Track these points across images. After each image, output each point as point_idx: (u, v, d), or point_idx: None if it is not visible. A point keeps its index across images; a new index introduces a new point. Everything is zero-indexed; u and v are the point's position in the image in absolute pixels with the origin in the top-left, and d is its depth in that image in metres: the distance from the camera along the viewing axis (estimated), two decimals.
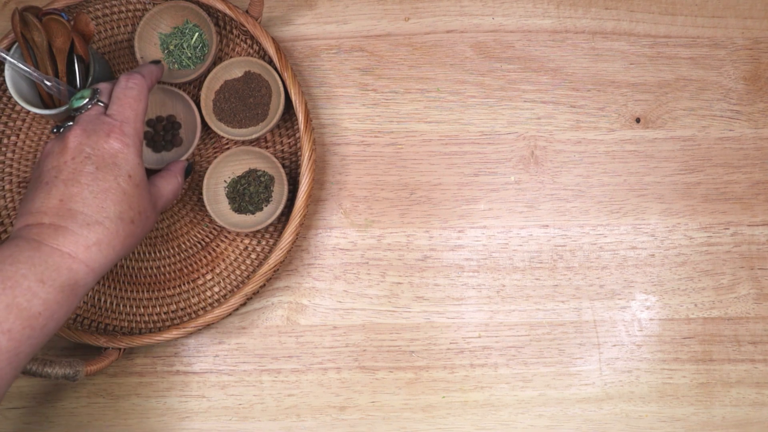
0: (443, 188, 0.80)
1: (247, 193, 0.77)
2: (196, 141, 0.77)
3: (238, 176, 0.78)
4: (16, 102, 0.73)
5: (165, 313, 0.78)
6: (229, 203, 0.78)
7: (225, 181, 0.78)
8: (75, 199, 0.61)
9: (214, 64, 0.79)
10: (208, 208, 0.76)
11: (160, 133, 0.78)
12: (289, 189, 0.76)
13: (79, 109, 0.66)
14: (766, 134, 0.81)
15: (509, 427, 0.77)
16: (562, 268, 0.79)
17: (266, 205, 0.77)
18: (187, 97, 0.77)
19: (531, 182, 0.80)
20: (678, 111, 0.81)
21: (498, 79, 0.81)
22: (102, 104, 0.66)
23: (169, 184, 0.71)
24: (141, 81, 0.66)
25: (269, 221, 0.75)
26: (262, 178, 0.77)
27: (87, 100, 0.66)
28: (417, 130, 0.81)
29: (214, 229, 0.79)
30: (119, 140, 0.63)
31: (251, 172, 0.77)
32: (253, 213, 0.77)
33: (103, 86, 0.67)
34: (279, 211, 0.75)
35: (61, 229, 0.60)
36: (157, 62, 0.73)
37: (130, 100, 0.65)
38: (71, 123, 0.65)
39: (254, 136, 0.76)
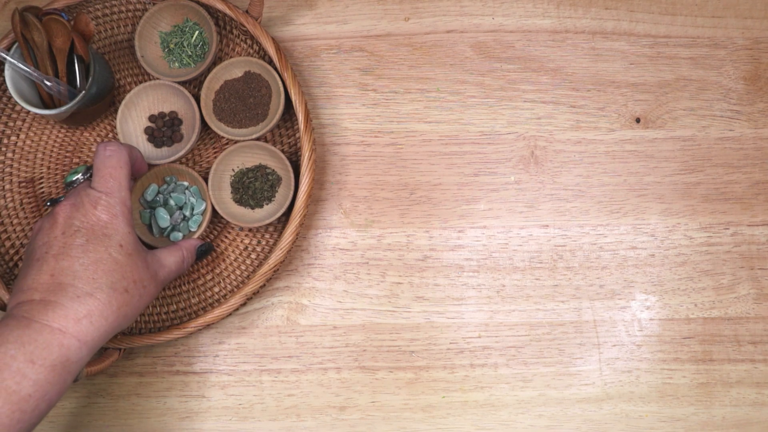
0: (443, 188, 0.80)
1: (251, 187, 0.77)
2: (195, 137, 0.77)
3: (247, 168, 0.77)
4: (16, 102, 0.73)
5: (165, 313, 0.78)
6: (232, 192, 0.77)
7: (233, 170, 0.78)
8: (65, 273, 0.60)
9: (214, 63, 0.79)
10: (210, 192, 0.76)
11: (161, 129, 0.78)
12: None
13: (71, 184, 0.68)
14: (766, 134, 0.81)
15: (509, 427, 0.77)
16: (562, 268, 0.79)
17: (267, 204, 0.77)
18: (188, 94, 0.77)
19: (531, 182, 0.80)
20: (678, 111, 0.81)
21: (498, 79, 0.81)
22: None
23: (172, 256, 0.70)
24: (118, 147, 0.66)
25: (269, 221, 0.75)
26: (270, 177, 0.77)
27: (79, 175, 0.68)
28: (417, 130, 0.81)
29: (214, 228, 0.79)
30: (106, 211, 0.63)
31: (261, 168, 0.77)
32: (252, 208, 0.77)
33: None
34: (280, 213, 0.75)
35: (51, 304, 0.58)
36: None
37: (110, 169, 0.65)
38: (63, 198, 0.65)
39: (254, 136, 0.76)
